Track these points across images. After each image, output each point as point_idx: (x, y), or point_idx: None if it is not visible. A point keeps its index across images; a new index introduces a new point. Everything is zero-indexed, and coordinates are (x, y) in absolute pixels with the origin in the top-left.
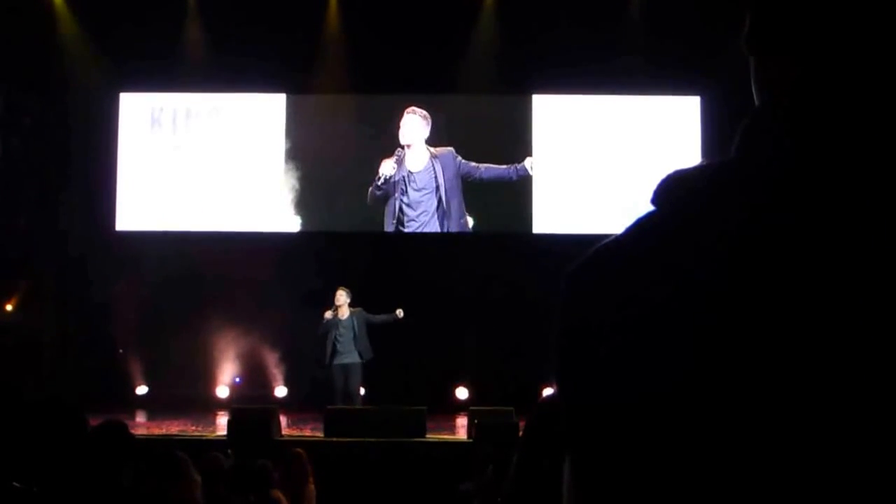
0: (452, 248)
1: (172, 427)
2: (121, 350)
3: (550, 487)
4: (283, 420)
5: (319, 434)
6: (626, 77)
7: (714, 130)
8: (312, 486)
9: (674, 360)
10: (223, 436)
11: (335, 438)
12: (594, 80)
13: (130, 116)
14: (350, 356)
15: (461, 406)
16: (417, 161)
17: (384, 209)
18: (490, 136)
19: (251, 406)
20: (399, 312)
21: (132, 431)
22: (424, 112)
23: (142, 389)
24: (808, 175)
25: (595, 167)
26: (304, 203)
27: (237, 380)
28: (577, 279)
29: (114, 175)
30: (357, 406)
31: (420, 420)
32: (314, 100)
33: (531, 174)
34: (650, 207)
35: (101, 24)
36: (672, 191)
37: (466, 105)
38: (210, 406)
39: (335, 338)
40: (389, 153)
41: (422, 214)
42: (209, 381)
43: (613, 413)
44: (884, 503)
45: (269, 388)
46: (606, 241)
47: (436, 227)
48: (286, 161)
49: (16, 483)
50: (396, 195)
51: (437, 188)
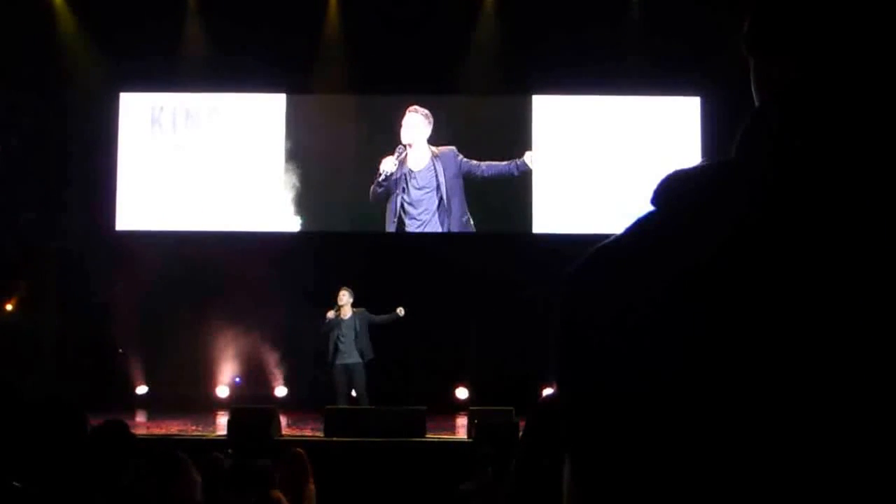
0: (452, 248)
1: (172, 427)
2: (121, 350)
3: (550, 487)
4: (283, 420)
5: (319, 434)
6: (626, 77)
7: (714, 130)
8: (312, 486)
9: (673, 360)
10: (223, 436)
11: (335, 438)
12: (594, 81)
13: (130, 116)
14: (352, 356)
15: (461, 406)
16: (419, 160)
17: (385, 209)
18: (490, 137)
19: (251, 406)
20: (400, 311)
21: (132, 431)
22: (426, 111)
23: (142, 389)
24: (808, 175)
25: (595, 167)
26: (304, 203)
27: (237, 380)
28: (578, 279)
29: (114, 175)
30: (358, 406)
31: (420, 420)
32: (314, 100)
33: (531, 168)
34: (650, 207)
35: (101, 24)
36: (672, 191)
37: (466, 105)
38: (210, 406)
39: (337, 338)
40: (390, 153)
41: (423, 213)
42: (209, 381)
43: (613, 413)
44: (878, 489)
45: (269, 388)
46: (607, 241)
47: (437, 226)
48: (286, 161)
49: (16, 483)
50: (398, 193)
51: (439, 187)
